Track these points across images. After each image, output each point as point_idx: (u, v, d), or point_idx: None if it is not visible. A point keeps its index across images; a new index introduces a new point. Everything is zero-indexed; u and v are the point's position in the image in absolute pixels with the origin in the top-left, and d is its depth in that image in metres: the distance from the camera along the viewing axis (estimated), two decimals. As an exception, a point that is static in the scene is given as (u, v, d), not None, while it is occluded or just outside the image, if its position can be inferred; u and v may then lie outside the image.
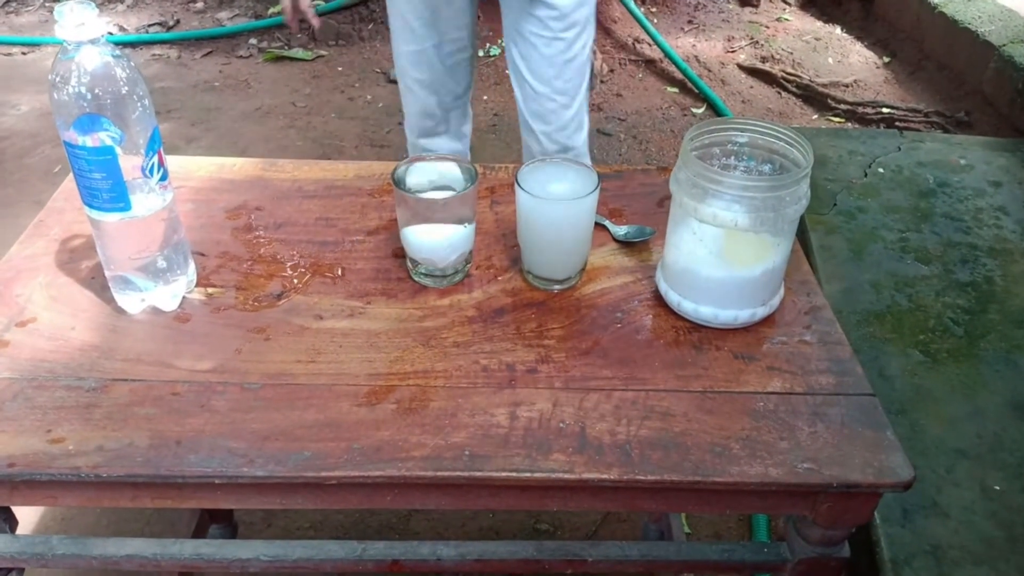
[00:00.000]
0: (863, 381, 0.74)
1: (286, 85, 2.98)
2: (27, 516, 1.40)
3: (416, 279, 0.85)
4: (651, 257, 0.90)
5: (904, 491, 0.66)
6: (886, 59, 3.25)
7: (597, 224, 0.90)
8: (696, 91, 2.97)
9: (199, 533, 1.12)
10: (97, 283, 0.83)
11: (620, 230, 0.93)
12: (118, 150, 0.71)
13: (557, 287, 0.85)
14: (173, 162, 0.98)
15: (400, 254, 0.87)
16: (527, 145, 1.54)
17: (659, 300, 0.83)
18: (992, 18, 2.90)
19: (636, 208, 0.97)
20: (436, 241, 0.82)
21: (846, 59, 3.27)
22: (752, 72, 3.11)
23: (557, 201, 0.81)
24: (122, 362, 0.75)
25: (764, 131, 0.79)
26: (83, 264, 0.86)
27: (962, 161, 2.44)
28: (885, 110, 2.87)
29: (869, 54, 3.31)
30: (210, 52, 3.27)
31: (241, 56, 3.21)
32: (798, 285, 0.85)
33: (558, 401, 0.72)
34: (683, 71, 3.04)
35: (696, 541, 1.37)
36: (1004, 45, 2.75)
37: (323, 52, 3.18)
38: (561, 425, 0.69)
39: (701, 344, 0.79)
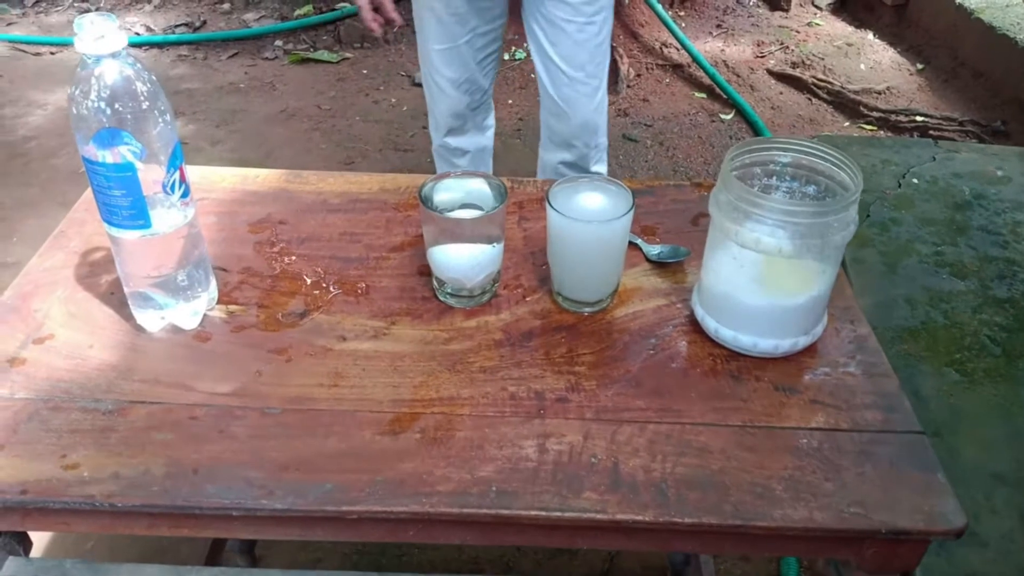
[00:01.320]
0: (911, 418, 0.71)
1: (311, 87, 2.97)
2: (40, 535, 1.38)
3: (442, 299, 0.83)
4: (685, 279, 0.87)
5: (956, 539, 0.62)
6: (920, 66, 3.18)
7: (629, 243, 0.87)
8: (725, 97, 2.92)
9: (214, 552, 1.10)
10: (116, 299, 0.81)
11: (653, 249, 0.90)
12: (138, 165, 0.69)
13: (588, 310, 0.82)
14: (195, 172, 0.96)
15: (426, 272, 0.85)
16: (552, 130, 1.53)
17: (694, 325, 0.80)
18: (1031, 25, 2.82)
19: (669, 226, 0.94)
20: (463, 261, 0.79)
21: (878, 65, 3.21)
22: (782, 77, 3.06)
23: (589, 222, 0.78)
24: (140, 383, 0.73)
25: (809, 151, 0.75)
26: (103, 279, 0.84)
27: (999, 172, 2.38)
28: (919, 118, 2.80)
29: (902, 60, 3.24)
30: (236, 53, 3.28)
31: (267, 58, 3.20)
32: (841, 312, 0.82)
33: (589, 433, 0.69)
34: (711, 76, 2.99)
35: None
36: (1044, 53, 2.68)
37: (348, 55, 3.17)
38: (593, 460, 0.66)
39: (740, 374, 0.75)
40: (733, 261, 0.73)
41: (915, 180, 2.32)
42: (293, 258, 0.88)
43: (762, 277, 0.72)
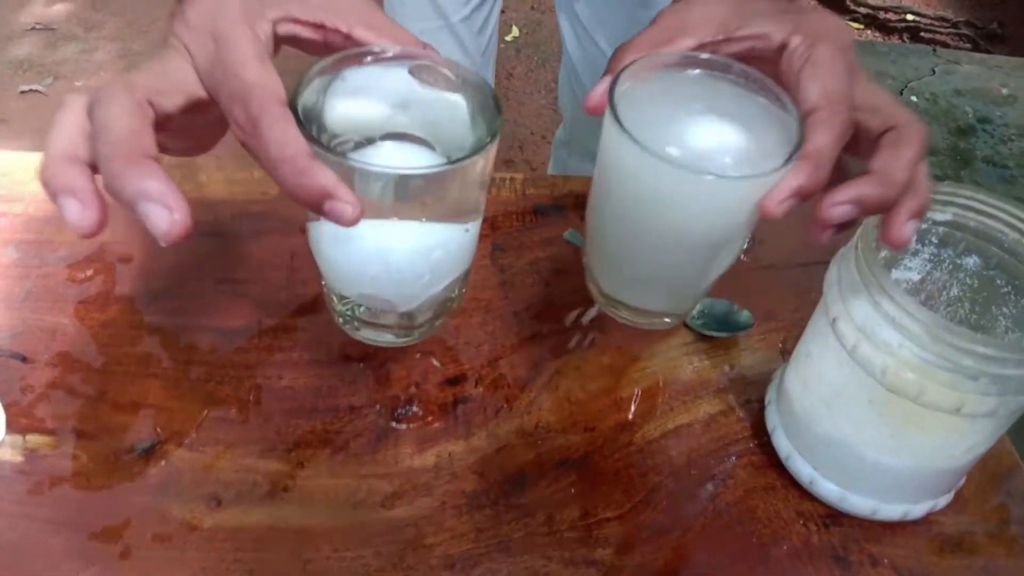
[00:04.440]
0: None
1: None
2: None
3: (343, 326, 0.50)
4: (740, 359, 0.58)
5: None
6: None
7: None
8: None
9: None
10: None
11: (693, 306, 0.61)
12: None
13: (649, 323, 0.53)
14: (-18, 174, 0.61)
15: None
16: (584, 142, 1.15)
17: (769, 455, 0.53)
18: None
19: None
20: (397, 259, 0.43)
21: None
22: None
23: (708, 177, 0.39)
24: None
25: (980, 208, 0.46)
26: None
27: (1004, 90, 2.12)
28: (910, 17, 2.50)
29: (890, -54, 2.89)
30: None
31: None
32: (976, 425, 0.55)
33: None
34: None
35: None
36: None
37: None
38: None
39: (846, 550, 0.49)
40: (868, 405, 0.44)
41: (914, 98, 2.04)
42: (140, 332, 0.56)
43: (901, 426, 0.44)
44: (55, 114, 0.37)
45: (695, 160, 0.40)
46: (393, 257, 0.43)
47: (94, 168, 0.36)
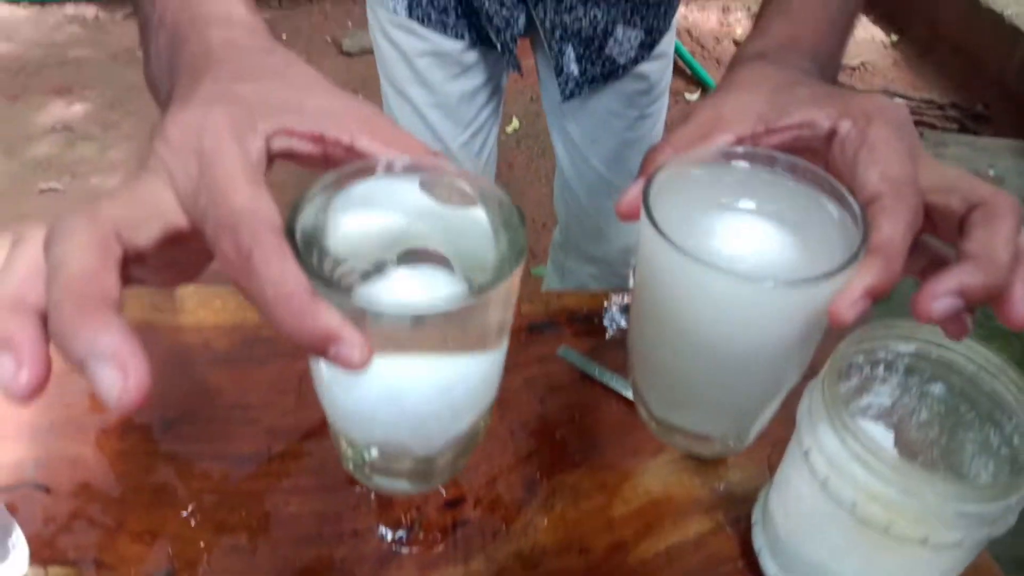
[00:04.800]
0: None
1: (221, 58, 2.57)
2: None
3: (354, 472, 0.45)
4: (729, 475, 0.61)
5: None
6: (893, 37, 2.96)
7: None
8: (690, 73, 2.65)
9: None
10: None
11: (680, 421, 0.63)
12: None
13: (708, 450, 0.50)
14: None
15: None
16: (580, 247, 1.18)
17: (756, 574, 0.55)
18: (1019, -1, 2.62)
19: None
20: (415, 399, 0.37)
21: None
22: (749, 50, 2.79)
23: (764, 284, 0.35)
24: None
25: (940, 342, 0.50)
26: None
27: (991, 172, 2.18)
28: (898, 101, 2.59)
29: (875, 30, 3.01)
30: (134, 13, 2.83)
31: (169, 20, 2.78)
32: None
33: None
34: (676, 49, 2.71)
35: None
36: (1034, 32, 2.48)
37: (265, 15, 2.77)
38: None
39: (832, 672, 0.50)
40: (832, 522, 0.47)
41: (904, 181, 2.11)
42: (156, 461, 0.59)
43: (874, 554, 0.47)
44: (9, 249, 0.32)
45: (747, 265, 0.37)
46: (408, 400, 0.37)
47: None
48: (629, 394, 0.65)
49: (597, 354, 0.69)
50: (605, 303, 0.75)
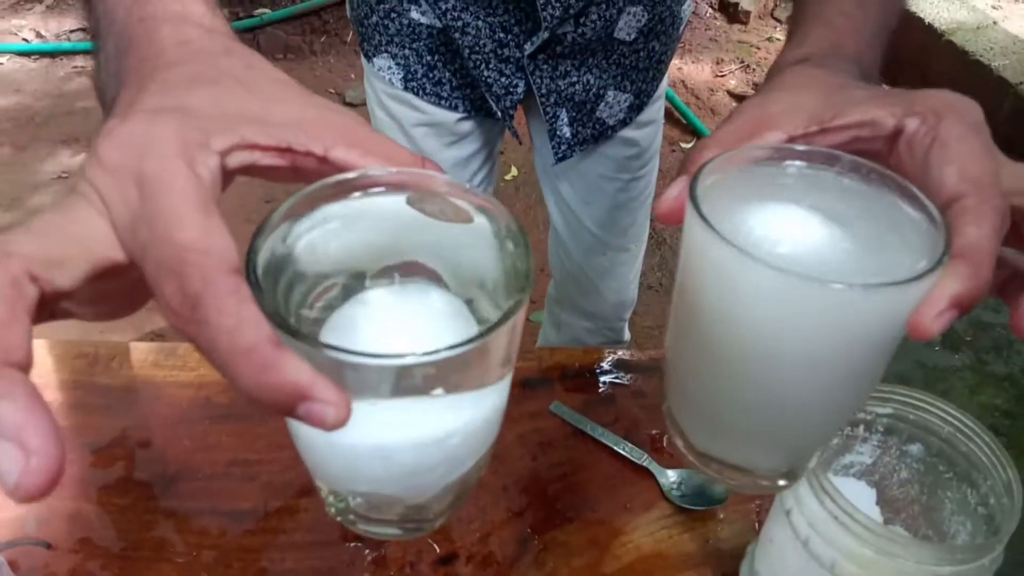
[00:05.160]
0: None
1: (226, 109, 2.62)
2: None
3: (346, 524, 0.37)
4: (717, 531, 0.62)
5: None
6: (885, 87, 3.02)
7: (638, 467, 0.62)
8: (684, 123, 2.70)
9: None
10: None
11: (670, 476, 0.65)
12: None
13: (772, 484, 0.40)
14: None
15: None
16: (574, 303, 1.19)
17: (743, 630, 0.56)
18: (1006, 51, 2.67)
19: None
20: (404, 453, 0.31)
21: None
22: (743, 100, 2.85)
23: (837, 286, 0.29)
24: None
25: (916, 404, 0.51)
26: None
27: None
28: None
29: (867, 81, 3.07)
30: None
31: (176, 72, 2.84)
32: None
33: None
34: (669, 99, 2.76)
35: None
36: (1022, 83, 2.53)
37: (270, 68, 2.83)
38: None
39: None
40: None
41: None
42: (156, 517, 0.60)
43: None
44: None
45: (810, 266, 0.31)
46: (397, 455, 0.31)
47: None
48: (621, 450, 0.67)
49: (589, 409, 0.70)
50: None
